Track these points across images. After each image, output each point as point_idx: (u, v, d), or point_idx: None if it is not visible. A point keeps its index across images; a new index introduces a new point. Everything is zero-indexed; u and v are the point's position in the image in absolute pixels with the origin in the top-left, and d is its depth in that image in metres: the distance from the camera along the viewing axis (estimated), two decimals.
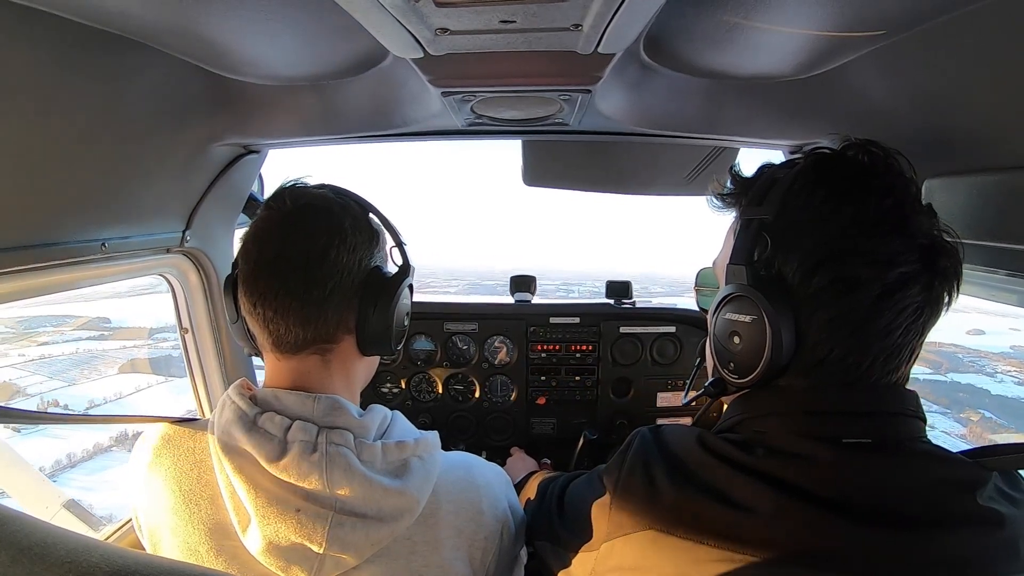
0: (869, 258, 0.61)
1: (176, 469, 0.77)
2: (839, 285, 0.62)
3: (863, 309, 0.61)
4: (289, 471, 0.69)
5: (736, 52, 0.91)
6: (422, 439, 0.80)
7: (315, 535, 0.68)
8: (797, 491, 0.60)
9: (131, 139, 1.00)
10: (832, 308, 0.63)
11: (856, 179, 0.65)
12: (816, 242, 0.64)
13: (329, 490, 0.69)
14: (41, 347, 9.06)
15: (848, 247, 0.62)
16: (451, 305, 1.98)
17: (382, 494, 0.71)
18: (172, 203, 1.26)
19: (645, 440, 0.75)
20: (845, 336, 0.63)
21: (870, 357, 0.63)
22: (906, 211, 0.63)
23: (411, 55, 0.81)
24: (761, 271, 0.67)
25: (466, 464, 0.89)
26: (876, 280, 0.61)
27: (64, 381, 8.46)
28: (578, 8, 0.64)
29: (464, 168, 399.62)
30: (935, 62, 0.79)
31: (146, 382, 8.66)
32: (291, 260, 0.75)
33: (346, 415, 0.75)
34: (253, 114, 1.19)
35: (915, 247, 0.62)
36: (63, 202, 0.92)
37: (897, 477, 0.60)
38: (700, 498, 0.64)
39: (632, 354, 1.92)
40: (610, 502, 0.72)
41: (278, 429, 0.72)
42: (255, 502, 0.69)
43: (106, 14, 0.73)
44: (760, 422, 0.69)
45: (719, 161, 1.61)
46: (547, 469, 1.88)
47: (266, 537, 0.69)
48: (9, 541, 0.42)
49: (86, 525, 1.61)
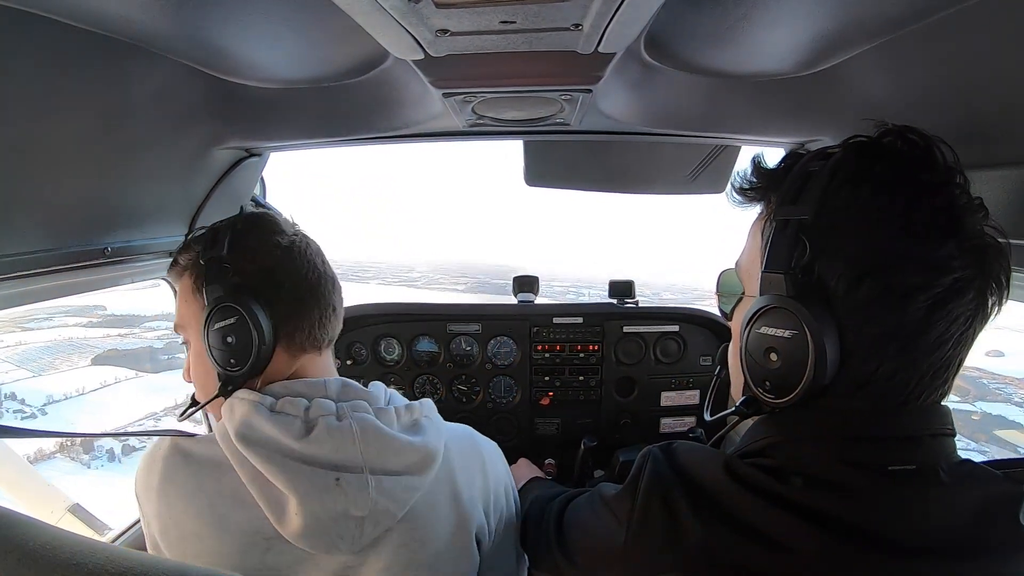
0: (921, 264, 0.55)
1: (196, 477, 0.76)
2: (890, 296, 0.56)
3: (915, 322, 0.55)
4: (319, 443, 0.73)
5: (737, 50, 0.91)
6: (424, 402, 0.87)
7: (359, 499, 0.72)
8: (840, 527, 0.55)
9: (133, 143, 1.00)
10: (882, 322, 0.56)
11: (902, 173, 0.58)
12: (863, 247, 0.57)
13: (363, 455, 0.74)
14: (22, 333, 8.85)
15: (899, 251, 0.56)
16: (454, 306, 1.98)
17: (409, 450, 0.77)
18: (174, 207, 1.26)
19: (659, 463, 0.67)
20: (895, 352, 0.56)
21: (918, 374, 0.57)
22: (958, 210, 0.57)
23: (412, 57, 0.81)
24: (799, 277, 0.60)
25: (466, 429, 0.97)
26: (929, 288, 0.55)
27: (30, 371, 8.20)
28: (578, 8, 0.64)
29: (468, 168, 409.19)
30: (937, 58, 0.79)
31: (114, 376, 8.37)
32: (323, 284, 0.89)
33: (356, 389, 0.82)
34: (254, 117, 1.19)
35: (969, 249, 0.56)
36: (66, 207, 0.92)
37: (943, 506, 0.56)
38: (733, 537, 0.58)
39: (636, 353, 1.92)
40: (624, 540, 0.65)
41: (298, 410, 0.76)
42: (292, 482, 0.71)
43: (107, 19, 0.74)
44: (795, 447, 0.62)
45: (721, 159, 1.61)
46: (551, 469, 1.88)
47: (311, 513, 0.71)
48: (16, 543, 0.42)
49: (90, 529, 1.61)
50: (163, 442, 0.81)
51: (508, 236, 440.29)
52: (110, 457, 6.50)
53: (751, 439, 0.66)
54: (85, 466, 6.40)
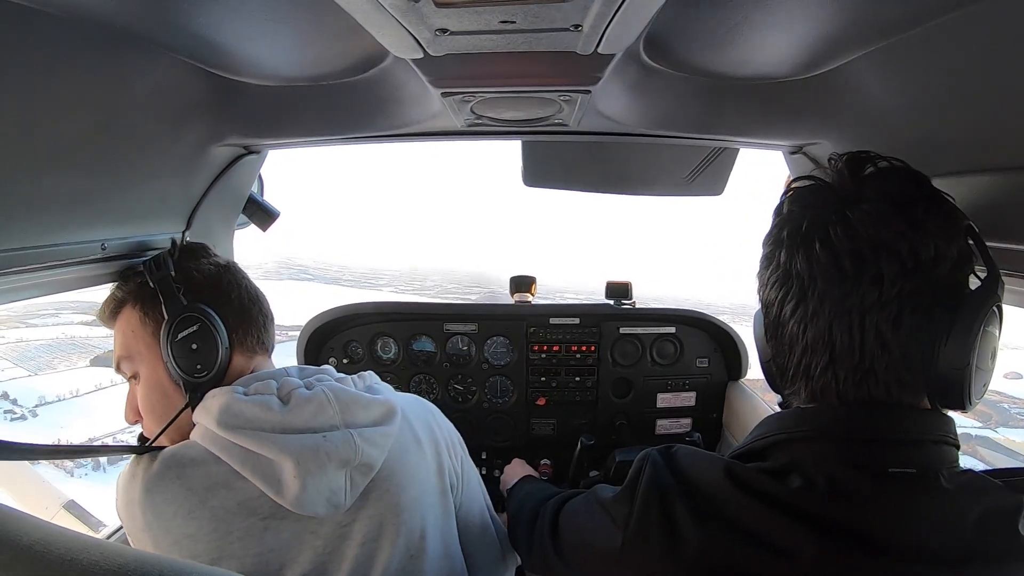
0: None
1: (181, 479, 0.77)
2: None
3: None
4: (300, 410, 0.80)
5: (736, 52, 0.91)
6: (367, 372, 0.97)
7: (345, 450, 0.79)
8: (841, 531, 0.56)
9: (130, 139, 0.99)
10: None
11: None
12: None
13: (340, 414, 0.82)
14: (25, 329, 8.67)
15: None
16: (451, 306, 1.98)
17: (375, 404, 0.87)
18: (172, 204, 1.26)
19: (658, 467, 0.66)
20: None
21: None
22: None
23: (411, 56, 0.81)
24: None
25: (413, 395, 1.08)
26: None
27: (27, 370, 8.06)
28: (578, 9, 0.64)
29: (466, 168, 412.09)
30: (937, 62, 0.79)
31: (110, 379, 8.20)
32: (261, 299, 1.02)
33: (313, 368, 0.92)
34: (253, 115, 1.19)
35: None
36: (62, 202, 0.92)
37: (943, 512, 0.57)
38: (732, 542, 0.58)
39: (632, 355, 1.92)
40: (621, 543, 0.64)
41: (270, 389, 0.83)
42: (285, 449, 0.76)
43: (106, 15, 0.73)
44: (797, 446, 0.62)
45: (719, 161, 1.61)
46: (546, 470, 1.88)
47: (307, 472, 0.76)
48: (10, 540, 0.42)
49: (85, 526, 1.61)
50: (134, 461, 0.81)
51: (503, 240, 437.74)
52: (95, 466, 6.40)
53: (754, 438, 0.67)
54: (68, 473, 6.31)
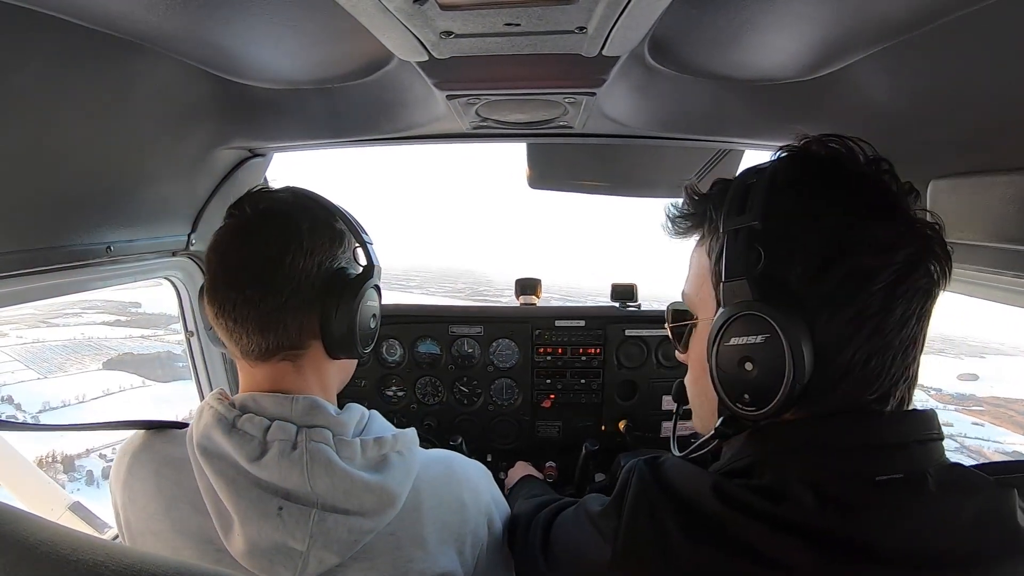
0: (875, 246, 0.58)
1: (157, 476, 0.77)
2: (852, 280, 0.57)
3: (880, 301, 0.57)
4: (270, 469, 0.70)
5: (740, 54, 0.91)
6: (400, 435, 0.80)
7: (297, 532, 0.69)
8: (833, 541, 0.55)
9: (137, 143, 1.00)
10: (850, 306, 0.57)
11: (837, 171, 0.63)
12: (818, 239, 0.59)
13: (310, 487, 0.70)
14: (45, 329, 8.49)
15: (853, 238, 0.58)
16: (456, 308, 1.98)
17: (363, 489, 0.72)
18: (177, 207, 1.27)
19: (644, 479, 0.66)
20: (867, 334, 0.58)
21: (891, 352, 0.58)
22: (892, 194, 0.61)
23: (416, 58, 0.81)
24: (761, 283, 0.60)
25: (446, 459, 0.90)
26: (886, 267, 0.57)
27: (37, 372, 7.84)
28: (583, 11, 0.64)
29: (472, 170, 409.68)
30: (940, 63, 0.79)
31: (118, 384, 8.02)
32: (248, 269, 0.76)
33: (324, 414, 0.75)
34: (258, 118, 1.19)
35: (910, 226, 0.59)
36: (69, 205, 0.93)
37: (935, 515, 0.56)
38: (724, 556, 0.57)
39: (637, 357, 1.91)
40: (611, 557, 0.64)
41: (257, 430, 0.72)
42: (236, 503, 0.69)
43: (112, 18, 0.74)
44: (782, 462, 0.61)
45: (724, 162, 1.61)
46: (551, 472, 1.88)
47: (249, 538, 0.68)
48: (16, 539, 0.42)
49: (91, 527, 1.61)
50: (136, 436, 0.81)
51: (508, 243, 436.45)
52: (88, 480, 6.34)
53: (735, 458, 0.66)
54: (60, 487, 6.28)
